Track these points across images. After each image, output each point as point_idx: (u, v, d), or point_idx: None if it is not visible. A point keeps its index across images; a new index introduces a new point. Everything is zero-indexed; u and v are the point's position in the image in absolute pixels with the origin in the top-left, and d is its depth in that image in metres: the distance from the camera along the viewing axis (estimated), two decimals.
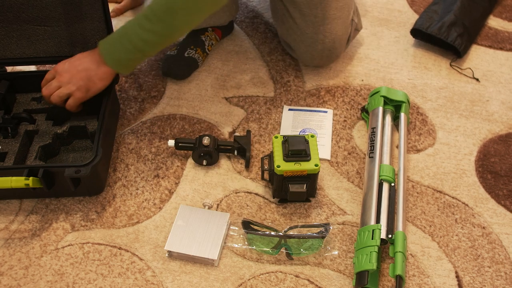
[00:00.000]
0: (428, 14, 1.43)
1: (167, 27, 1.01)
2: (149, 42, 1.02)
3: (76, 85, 1.06)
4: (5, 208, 1.08)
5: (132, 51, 1.03)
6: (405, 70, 1.37)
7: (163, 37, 1.03)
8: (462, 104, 1.28)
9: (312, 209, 1.08)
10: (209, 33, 1.38)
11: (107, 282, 0.96)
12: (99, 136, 1.03)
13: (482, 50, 1.43)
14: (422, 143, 1.20)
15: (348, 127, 1.23)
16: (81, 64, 1.06)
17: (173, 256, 1.00)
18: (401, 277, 0.89)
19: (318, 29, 1.24)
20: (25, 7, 1.08)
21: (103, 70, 1.06)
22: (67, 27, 1.12)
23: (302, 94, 1.30)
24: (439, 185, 1.12)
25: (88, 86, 1.07)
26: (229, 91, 1.32)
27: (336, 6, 1.23)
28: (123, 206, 1.08)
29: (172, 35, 1.04)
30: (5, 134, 1.12)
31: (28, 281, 0.97)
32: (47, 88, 1.08)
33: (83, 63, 1.06)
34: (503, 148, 1.19)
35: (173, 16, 0.99)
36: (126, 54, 1.04)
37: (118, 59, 1.05)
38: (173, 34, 1.04)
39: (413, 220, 1.06)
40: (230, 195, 1.10)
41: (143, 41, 1.01)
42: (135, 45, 1.02)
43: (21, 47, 1.14)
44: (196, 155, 1.13)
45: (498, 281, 0.97)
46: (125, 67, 1.08)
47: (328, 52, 1.28)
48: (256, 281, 0.96)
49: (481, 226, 1.05)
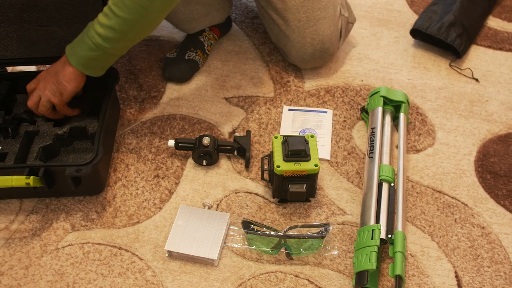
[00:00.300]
0: (428, 14, 1.43)
1: (123, 22, 0.97)
2: (108, 38, 0.98)
3: (50, 90, 1.05)
4: (6, 208, 1.08)
5: (93, 48, 1.00)
6: (405, 70, 1.37)
7: (121, 33, 0.98)
8: (462, 104, 1.29)
9: (312, 209, 1.08)
10: (207, 33, 1.38)
11: (107, 282, 0.97)
12: (99, 135, 1.04)
13: (482, 51, 1.43)
14: (421, 143, 1.20)
15: (348, 127, 1.23)
16: (52, 69, 1.06)
17: (173, 256, 1.00)
18: (401, 277, 0.90)
19: (304, 33, 1.23)
20: (26, 7, 1.08)
21: (69, 71, 1.04)
22: (67, 27, 1.12)
23: (302, 94, 1.31)
24: (439, 185, 1.12)
25: (59, 89, 1.05)
26: (229, 91, 1.32)
27: (319, 6, 1.21)
28: (123, 206, 1.08)
29: (130, 31, 0.99)
30: (6, 134, 1.12)
31: (28, 281, 0.97)
32: (31, 100, 1.08)
33: (54, 68, 1.06)
34: (503, 148, 1.19)
35: (126, 10, 0.95)
36: (87, 51, 1.01)
37: (80, 58, 1.02)
38: (131, 30, 0.99)
39: (413, 220, 1.06)
40: (230, 195, 1.10)
41: (102, 38, 0.98)
42: (95, 42, 0.99)
43: (21, 48, 1.15)
44: (196, 155, 1.13)
45: (497, 281, 0.97)
46: (89, 66, 1.04)
47: (320, 53, 1.27)
48: (256, 281, 0.97)
49: (481, 226, 1.05)
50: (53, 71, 1.06)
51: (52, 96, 1.06)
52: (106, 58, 1.04)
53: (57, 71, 1.05)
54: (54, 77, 1.05)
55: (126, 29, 0.98)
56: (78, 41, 1.02)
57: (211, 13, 1.32)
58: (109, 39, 0.99)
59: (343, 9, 1.30)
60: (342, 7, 1.29)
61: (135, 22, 0.97)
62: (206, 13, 1.30)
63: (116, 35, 0.98)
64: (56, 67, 1.06)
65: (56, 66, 1.06)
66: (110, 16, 0.96)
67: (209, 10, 1.30)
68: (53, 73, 1.05)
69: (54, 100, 1.07)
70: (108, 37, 0.98)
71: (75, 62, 1.03)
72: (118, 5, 0.95)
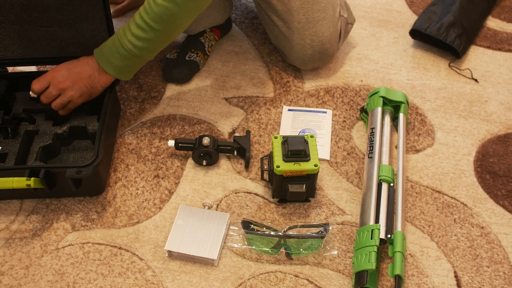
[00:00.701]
0: (427, 15, 1.43)
1: (160, 34, 1.04)
2: (145, 49, 1.05)
3: (79, 91, 1.09)
4: (6, 208, 1.08)
5: (130, 57, 1.06)
6: (404, 71, 1.38)
7: (158, 43, 1.06)
8: (461, 105, 1.29)
9: (312, 209, 1.08)
10: (207, 34, 1.38)
11: (107, 281, 0.97)
12: (100, 136, 1.04)
13: (481, 51, 1.43)
14: (421, 144, 1.20)
15: (348, 128, 1.24)
16: (83, 71, 1.08)
17: (173, 256, 1.00)
18: (400, 277, 0.90)
19: (304, 35, 1.23)
20: (27, 8, 1.08)
21: (105, 78, 1.10)
22: (68, 28, 1.12)
23: (302, 94, 1.31)
24: (438, 185, 1.12)
25: (91, 92, 1.11)
26: (228, 91, 1.32)
27: (318, 8, 1.22)
28: (123, 206, 1.08)
29: (166, 40, 1.07)
30: (5, 134, 1.12)
31: (28, 280, 0.97)
32: (47, 96, 1.09)
33: (85, 71, 1.08)
34: (502, 148, 1.19)
35: (164, 25, 1.02)
36: (124, 61, 1.07)
37: (117, 67, 1.08)
38: (167, 39, 1.07)
39: (412, 220, 1.06)
40: (230, 195, 1.10)
41: (139, 49, 1.04)
42: (132, 53, 1.05)
43: (22, 48, 1.15)
44: (196, 156, 1.13)
45: (496, 280, 0.97)
46: (126, 73, 1.11)
47: (319, 54, 1.27)
48: (256, 281, 0.97)
49: (480, 226, 1.05)
50: (84, 73, 1.08)
51: (79, 97, 1.10)
52: (140, 63, 1.11)
53: (91, 75, 1.08)
54: (88, 80, 1.08)
55: (163, 39, 1.06)
56: (112, 52, 1.06)
57: (212, 14, 1.32)
58: (147, 49, 1.06)
59: (343, 10, 1.30)
60: (342, 8, 1.29)
61: (171, 32, 1.05)
62: (207, 14, 1.30)
63: (153, 45, 1.06)
64: (87, 71, 1.08)
65: (86, 69, 1.08)
66: (146, 30, 1.02)
67: (209, 11, 1.30)
68: (85, 77, 1.08)
69: (79, 101, 1.11)
70: (146, 48, 1.05)
71: (112, 71, 1.08)
72: (156, 20, 1.01)
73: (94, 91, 1.10)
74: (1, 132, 1.12)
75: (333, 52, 1.30)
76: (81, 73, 1.08)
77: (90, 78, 1.08)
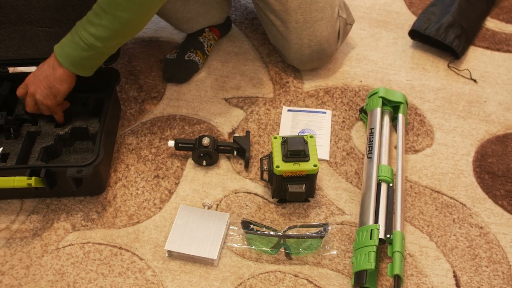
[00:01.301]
0: (426, 15, 1.43)
1: (115, 20, 0.96)
2: (100, 37, 0.98)
3: (42, 94, 1.05)
4: (6, 208, 1.08)
5: (85, 48, 0.99)
6: (403, 71, 1.38)
7: (114, 31, 0.98)
8: (460, 105, 1.29)
9: (311, 209, 1.08)
10: (206, 34, 1.38)
11: (107, 281, 0.97)
12: (100, 136, 1.04)
13: (480, 52, 1.43)
14: (420, 144, 1.20)
15: (347, 128, 1.24)
16: (40, 73, 1.05)
17: (173, 256, 1.01)
18: (400, 277, 0.90)
19: (302, 34, 1.23)
20: (27, 8, 1.08)
21: (59, 73, 1.03)
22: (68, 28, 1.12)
23: (301, 95, 1.31)
24: (437, 185, 1.12)
25: (53, 92, 1.05)
26: (228, 92, 1.32)
27: (316, 7, 1.22)
28: (123, 206, 1.09)
29: (123, 29, 0.99)
30: (8, 135, 1.13)
31: (29, 280, 0.97)
32: (29, 107, 1.09)
33: (42, 71, 1.05)
34: (501, 148, 1.20)
35: (118, 8, 0.95)
36: (78, 52, 1.00)
37: (72, 58, 1.01)
38: (124, 28, 0.98)
39: (411, 220, 1.07)
40: (230, 195, 1.11)
41: (94, 37, 0.98)
42: (87, 42, 0.98)
43: (23, 48, 1.15)
44: (196, 156, 1.13)
45: (495, 280, 0.98)
46: (81, 67, 1.03)
47: (318, 54, 1.28)
48: (256, 281, 0.97)
49: (479, 226, 1.06)
50: (42, 74, 1.04)
51: (44, 99, 1.06)
52: (98, 57, 1.03)
53: (47, 75, 1.04)
54: (45, 81, 1.04)
55: (119, 26, 0.97)
56: (68, 42, 1.01)
57: (209, 13, 1.32)
58: (102, 38, 0.98)
59: (341, 10, 1.30)
60: (340, 9, 1.29)
61: (128, 19, 0.97)
62: (204, 12, 1.30)
63: (108, 33, 0.98)
64: (44, 71, 1.04)
65: (44, 69, 1.05)
66: (101, 15, 0.96)
67: (207, 9, 1.30)
68: (42, 77, 1.04)
69: (48, 103, 1.06)
70: (101, 36, 0.98)
71: (66, 62, 1.01)
72: (110, 4, 0.94)
73: (55, 90, 1.05)
74: (3, 132, 1.13)
75: (331, 52, 1.30)
76: (39, 75, 1.05)
77: (46, 78, 1.04)
